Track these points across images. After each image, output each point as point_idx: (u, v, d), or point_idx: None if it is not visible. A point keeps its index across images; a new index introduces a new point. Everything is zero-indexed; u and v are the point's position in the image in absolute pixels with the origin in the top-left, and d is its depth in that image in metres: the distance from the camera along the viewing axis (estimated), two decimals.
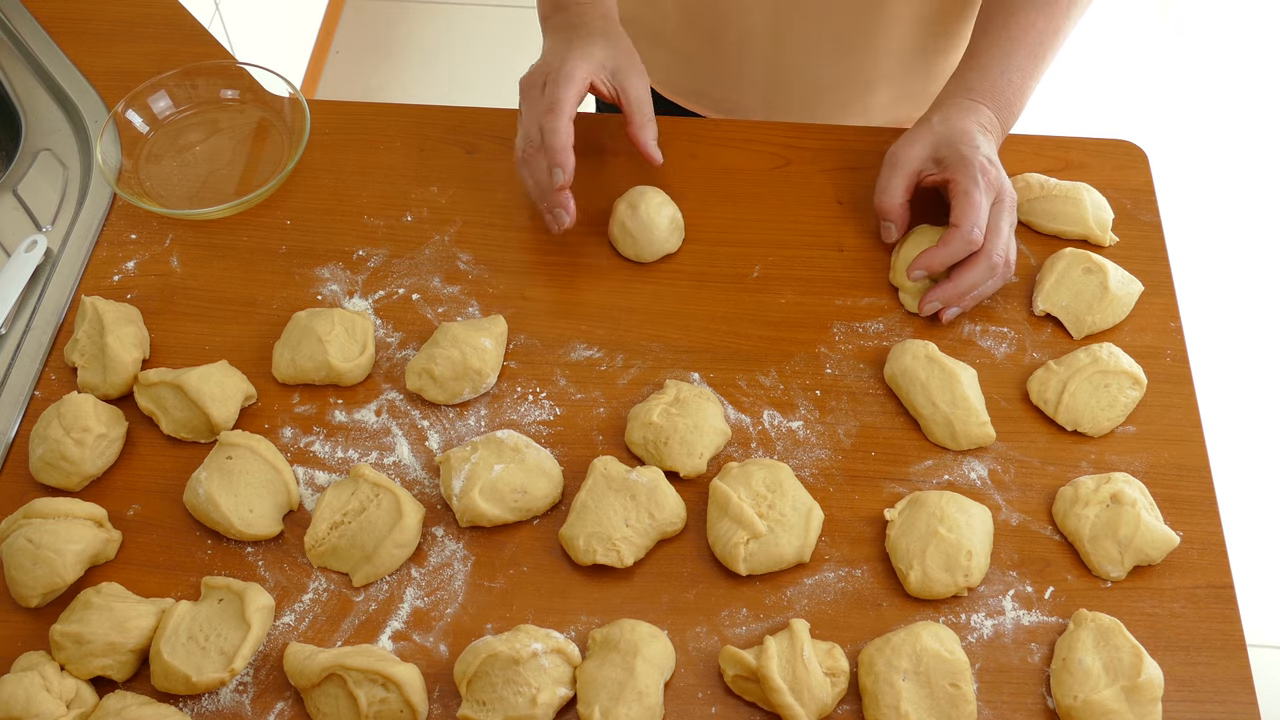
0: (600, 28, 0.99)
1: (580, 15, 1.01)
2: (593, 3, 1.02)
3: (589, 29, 0.99)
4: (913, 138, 0.97)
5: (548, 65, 0.96)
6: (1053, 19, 1.00)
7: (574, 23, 1.01)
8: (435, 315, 0.98)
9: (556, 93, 0.92)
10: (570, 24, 1.01)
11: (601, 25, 1.00)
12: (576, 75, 0.93)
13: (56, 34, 1.17)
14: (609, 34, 0.99)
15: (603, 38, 0.98)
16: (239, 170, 1.08)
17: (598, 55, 0.96)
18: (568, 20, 1.01)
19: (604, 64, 0.96)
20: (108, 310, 0.94)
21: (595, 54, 0.96)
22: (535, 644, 0.77)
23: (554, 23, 1.03)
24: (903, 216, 0.98)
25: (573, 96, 0.93)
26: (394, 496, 0.85)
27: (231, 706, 0.79)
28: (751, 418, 0.93)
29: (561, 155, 0.91)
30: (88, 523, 0.84)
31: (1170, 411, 0.93)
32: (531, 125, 0.94)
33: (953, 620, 0.83)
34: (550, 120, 0.91)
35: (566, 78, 0.93)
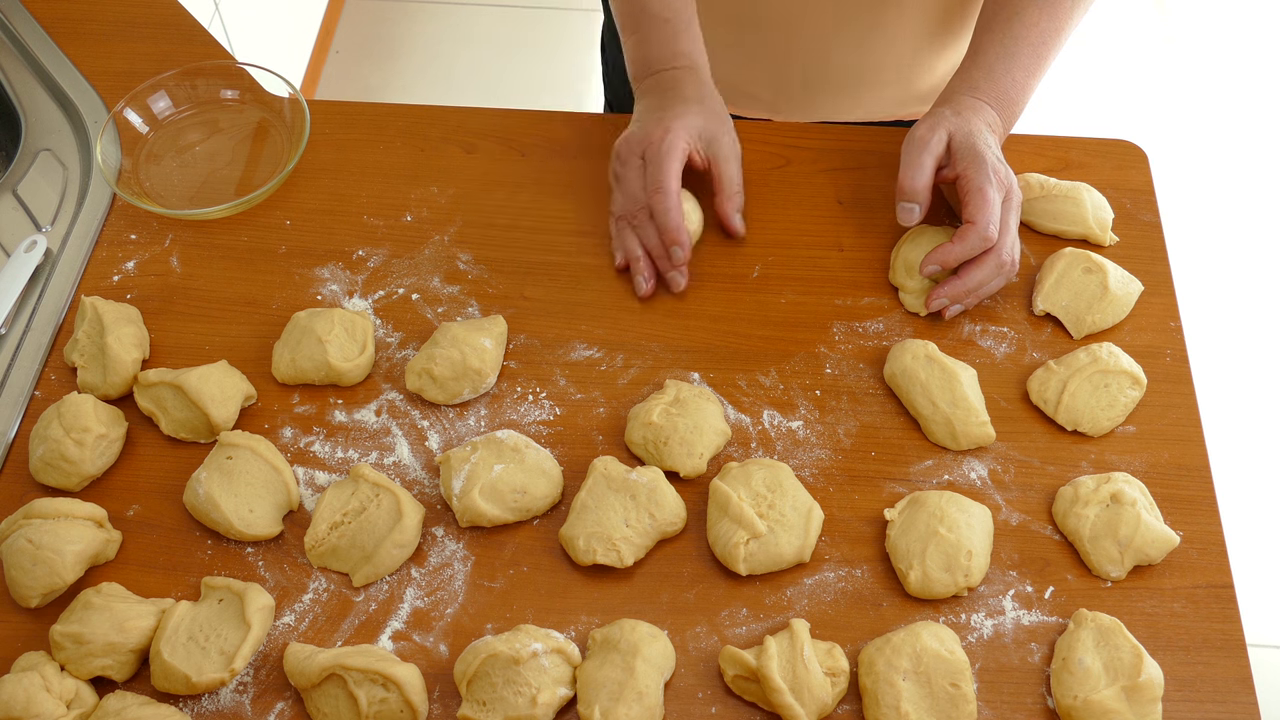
0: (695, 94, 1.00)
1: (675, 80, 1.02)
2: (689, 67, 1.03)
3: (684, 95, 1.00)
4: (931, 123, 0.96)
5: (647, 135, 0.97)
6: (1056, 18, 1.00)
7: (668, 86, 1.01)
8: (435, 315, 0.98)
9: (661, 173, 0.95)
10: (665, 87, 1.01)
11: (696, 91, 1.01)
12: (677, 149, 0.96)
13: (56, 34, 1.17)
14: (704, 100, 1.00)
15: (698, 104, 0.99)
16: (239, 170, 1.08)
17: (695, 124, 0.98)
18: (661, 84, 1.02)
19: (700, 134, 0.99)
20: (108, 310, 0.94)
21: (693, 123, 0.98)
22: (535, 644, 0.77)
23: (648, 85, 1.03)
24: (928, 198, 0.96)
25: (676, 172, 0.96)
26: (394, 496, 0.85)
27: (231, 706, 0.79)
28: (751, 418, 0.93)
29: (678, 234, 0.95)
30: (88, 523, 0.84)
31: (1170, 411, 0.93)
32: (635, 192, 0.98)
33: (953, 620, 0.83)
34: (660, 201, 0.95)
35: (668, 153, 0.95)
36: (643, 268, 0.98)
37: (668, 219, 0.95)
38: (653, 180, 0.96)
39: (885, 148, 1.08)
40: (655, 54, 1.03)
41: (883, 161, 1.07)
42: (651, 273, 0.98)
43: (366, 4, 2.90)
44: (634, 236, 0.99)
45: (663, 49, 1.03)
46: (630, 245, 0.99)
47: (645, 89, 1.03)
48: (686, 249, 0.96)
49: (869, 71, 1.18)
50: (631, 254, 0.98)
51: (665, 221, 0.95)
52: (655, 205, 0.95)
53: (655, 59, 1.03)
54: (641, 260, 0.98)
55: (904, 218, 0.96)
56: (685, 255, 0.96)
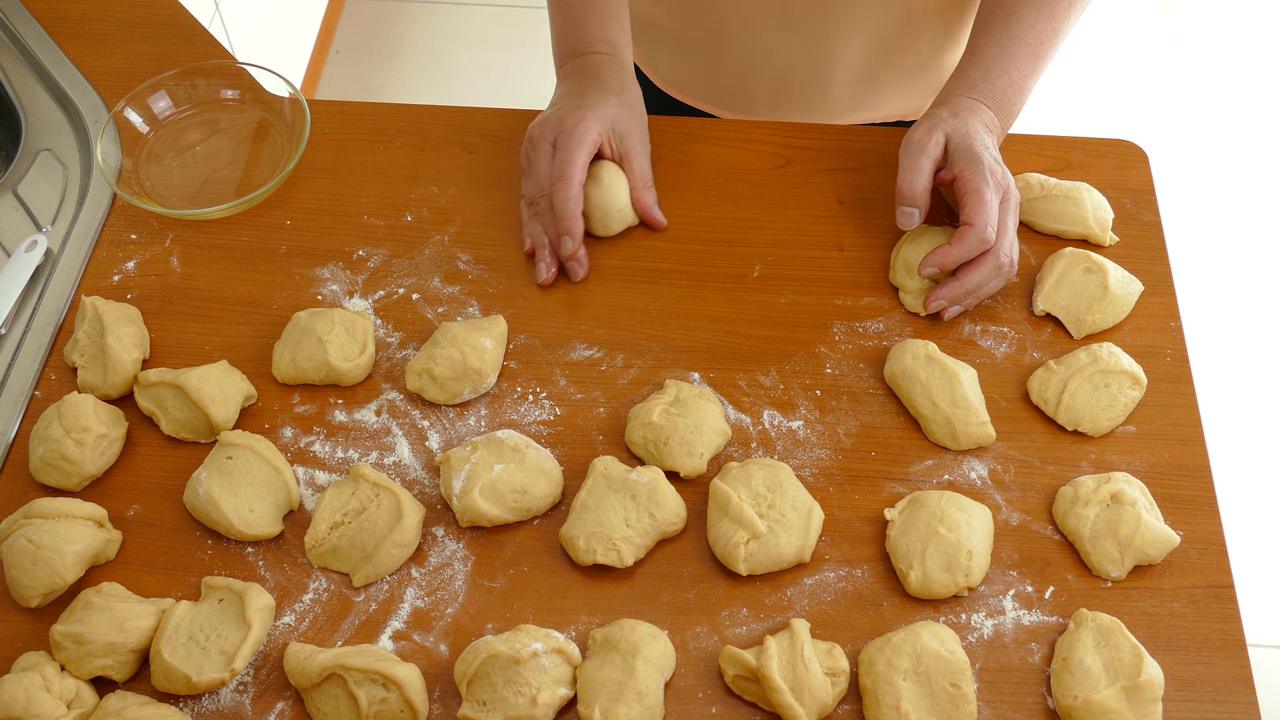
0: (615, 83, 1.01)
1: (595, 65, 1.02)
2: (610, 54, 1.03)
3: (603, 83, 1.01)
4: (928, 126, 0.96)
5: (561, 121, 0.98)
6: (1053, 19, 1.00)
7: (589, 72, 1.02)
8: (435, 315, 0.98)
9: (567, 159, 0.96)
10: (586, 72, 1.02)
11: (617, 81, 1.01)
12: (588, 138, 0.96)
13: (56, 34, 1.17)
14: (623, 90, 1.01)
15: (616, 95, 1.00)
16: (239, 170, 1.08)
17: (610, 114, 0.98)
18: (583, 68, 1.02)
19: (615, 125, 0.99)
20: (108, 310, 0.94)
21: (608, 112, 0.98)
22: (535, 644, 0.77)
23: (570, 68, 1.04)
24: (926, 201, 0.96)
25: (583, 162, 0.96)
26: (394, 496, 0.85)
27: (231, 706, 0.79)
28: (751, 418, 0.93)
29: (572, 224, 0.96)
30: (88, 523, 0.84)
31: (1170, 411, 0.93)
32: (542, 178, 0.98)
33: (953, 620, 0.83)
34: (560, 189, 0.95)
35: (578, 141, 0.96)
36: (547, 255, 0.98)
37: (565, 208, 0.95)
38: (558, 168, 0.96)
39: (885, 148, 1.08)
40: (580, 36, 1.04)
41: (883, 161, 1.08)
42: (553, 260, 0.99)
43: (366, 4, 2.90)
44: (537, 223, 0.99)
45: (588, 32, 1.04)
46: (535, 231, 0.99)
47: (567, 72, 1.04)
48: (577, 240, 0.96)
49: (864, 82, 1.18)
50: (537, 240, 0.99)
51: (561, 210, 0.95)
52: (555, 193, 0.96)
53: (580, 42, 1.04)
54: (546, 248, 0.98)
55: (904, 222, 0.96)
56: (575, 246, 0.96)
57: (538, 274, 0.99)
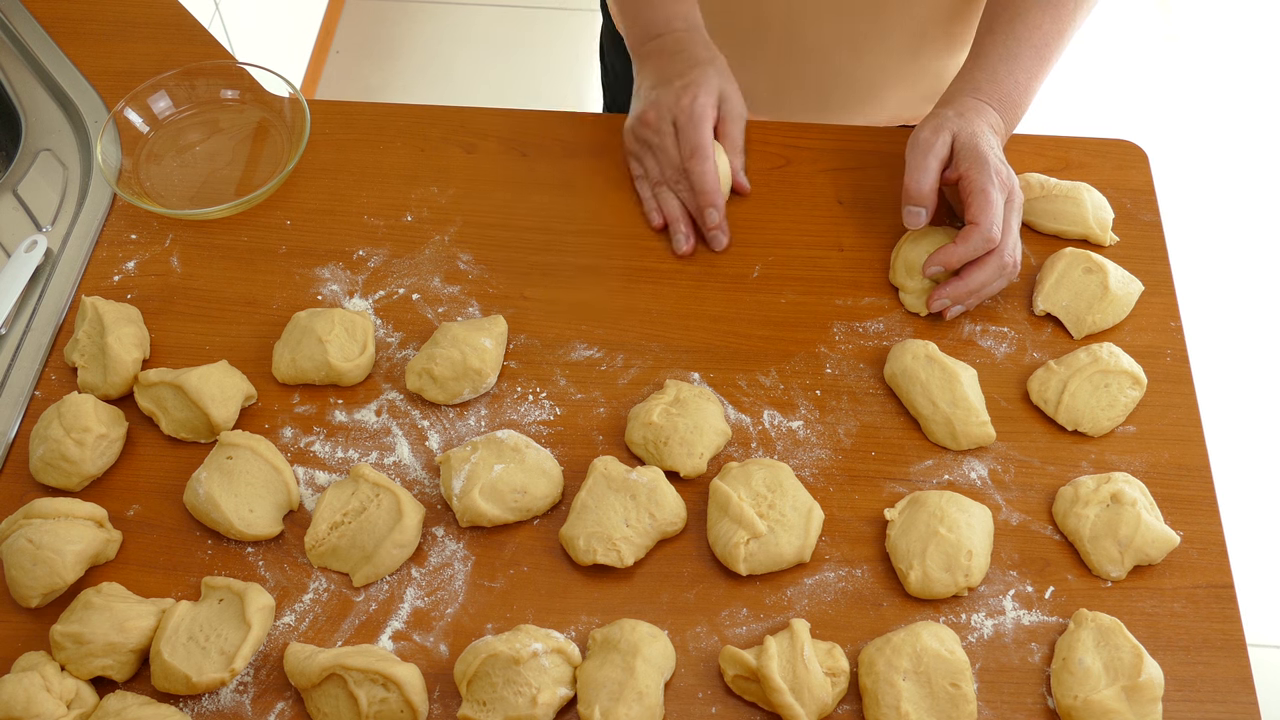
0: (706, 54, 1.03)
1: (681, 42, 1.04)
2: (690, 28, 1.05)
3: (696, 56, 1.03)
4: (934, 126, 0.96)
5: (676, 100, 1.00)
6: (1059, 20, 1.00)
7: (674, 50, 1.03)
8: (435, 315, 0.98)
9: (697, 137, 0.99)
10: (672, 50, 1.03)
11: (706, 52, 1.03)
12: (708, 113, 1.00)
13: (56, 34, 1.17)
14: (714, 60, 1.03)
15: (710, 65, 1.02)
16: (239, 170, 1.08)
17: (714, 84, 1.01)
18: (667, 47, 1.04)
19: (719, 93, 1.01)
20: (108, 310, 0.94)
21: (712, 83, 1.01)
22: (535, 644, 0.77)
23: (652, 48, 1.05)
24: (933, 201, 0.96)
25: (710, 136, 1.00)
26: (394, 496, 0.85)
27: (231, 706, 0.79)
28: (751, 418, 0.93)
29: (715, 196, 1.00)
30: (88, 523, 0.83)
31: (1170, 411, 0.93)
32: (672, 156, 1.01)
33: (953, 620, 0.83)
34: (697, 164, 0.99)
35: (701, 118, 0.99)
36: (683, 227, 1.02)
37: (704, 182, 0.99)
38: (688, 145, 0.99)
39: (886, 148, 1.08)
40: (654, 17, 1.05)
41: (884, 161, 1.08)
42: (691, 231, 1.02)
43: (366, 4, 2.90)
44: (673, 198, 1.02)
45: (662, 11, 1.05)
46: (670, 206, 1.02)
47: (649, 52, 1.05)
48: (721, 210, 1.00)
49: (867, 82, 1.18)
50: (671, 214, 1.02)
51: (702, 184, 0.99)
52: (692, 169, 0.99)
53: (654, 22, 1.05)
54: (682, 221, 1.02)
55: (910, 221, 0.96)
56: (719, 217, 1.00)
57: (677, 244, 1.01)
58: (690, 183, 1.00)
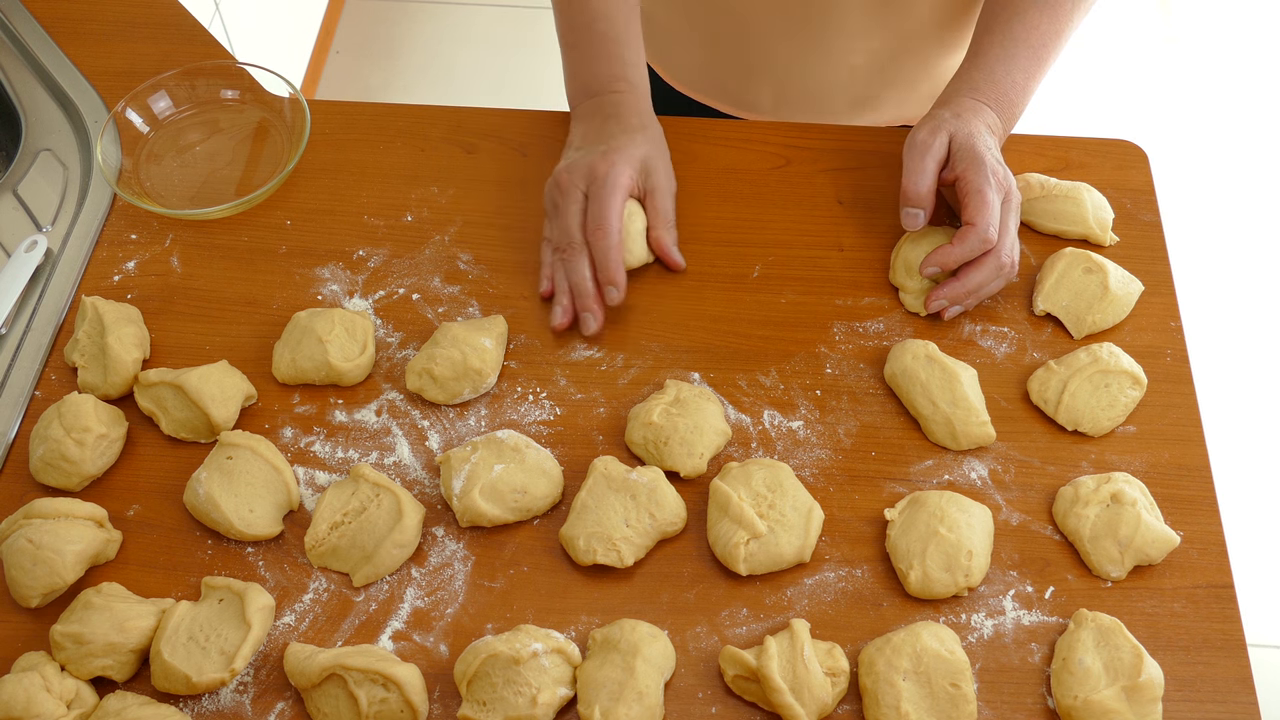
0: (637, 121, 0.99)
1: (615, 105, 1.00)
2: (628, 90, 1.01)
3: (626, 123, 0.99)
4: (932, 127, 0.96)
5: (591, 167, 0.95)
6: (1056, 20, 1.00)
7: (608, 112, 1.00)
8: (435, 315, 0.98)
9: (604, 211, 0.93)
10: (606, 112, 1.00)
11: (638, 119, 1.00)
12: (620, 185, 0.95)
13: (56, 34, 1.17)
14: (645, 128, 0.99)
15: (640, 133, 0.98)
16: (239, 170, 1.08)
17: (637, 154, 0.97)
18: (602, 108, 1.01)
19: (642, 165, 0.97)
20: (108, 310, 0.94)
21: (635, 153, 0.97)
22: (535, 644, 0.77)
23: (587, 108, 1.02)
24: (932, 202, 0.96)
25: (619, 210, 0.94)
26: (394, 496, 0.85)
27: (231, 707, 0.79)
28: (751, 418, 0.93)
29: (615, 274, 0.93)
30: (88, 523, 0.83)
31: (1170, 411, 0.93)
32: (573, 227, 0.95)
33: (953, 620, 0.83)
34: (601, 240, 0.93)
35: (612, 189, 0.94)
36: (565, 300, 0.95)
37: (608, 259, 0.93)
38: (595, 218, 0.94)
39: (885, 148, 1.09)
40: (596, 73, 1.02)
41: (883, 161, 1.08)
42: (570, 307, 0.96)
43: (366, 4, 2.90)
44: (563, 268, 0.96)
45: (603, 69, 1.02)
46: (559, 276, 0.96)
47: (584, 112, 1.02)
48: (622, 290, 0.94)
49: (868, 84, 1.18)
50: (559, 285, 0.96)
51: (605, 261, 0.93)
52: (596, 244, 0.93)
53: (595, 79, 1.02)
54: (566, 294, 0.96)
55: (908, 223, 0.96)
56: (620, 296, 0.94)
57: (554, 317, 0.95)
58: (593, 257, 0.94)
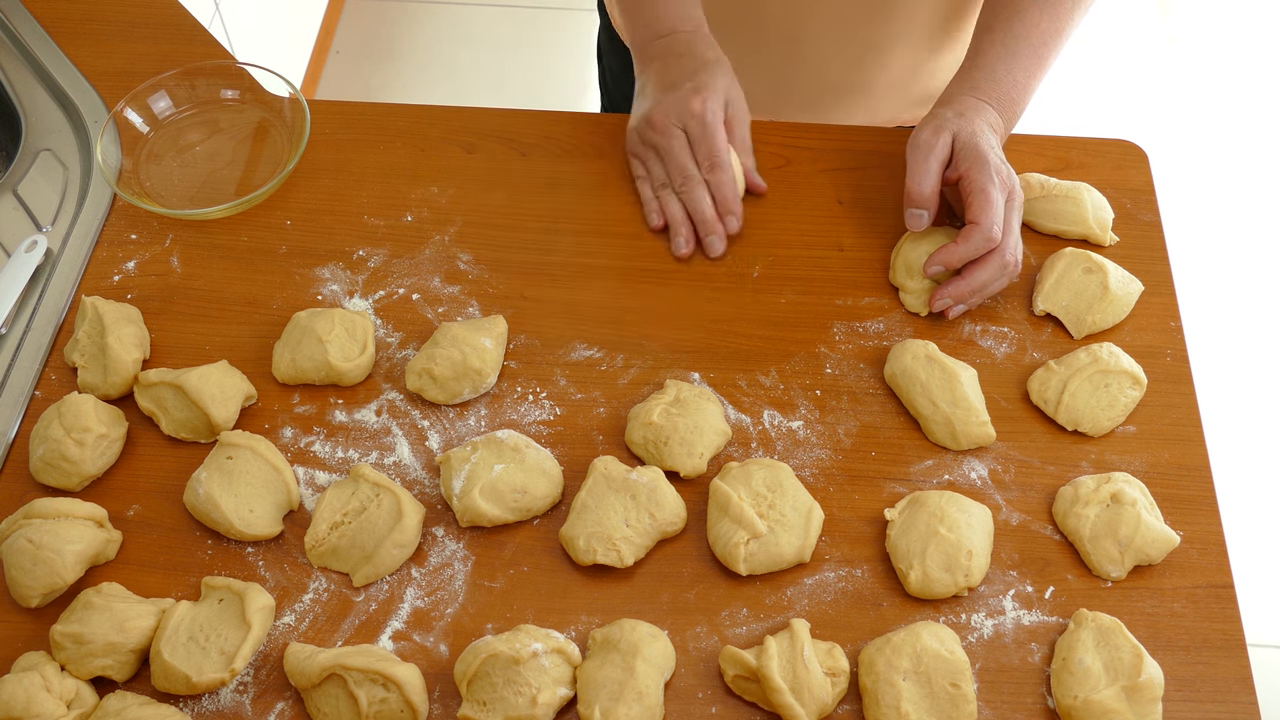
0: (713, 55, 1.03)
1: (686, 43, 1.03)
2: (695, 30, 1.04)
3: (703, 58, 1.02)
4: (934, 127, 0.96)
5: (685, 104, 0.99)
6: (1056, 19, 1.00)
7: (682, 50, 1.03)
8: (435, 315, 0.98)
9: (714, 147, 0.99)
10: (679, 51, 1.03)
11: (713, 53, 1.03)
12: (720, 119, 1.00)
13: (56, 34, 1.17)
14: (721, 60, 1.03)
15: (717, 66, 1.02)
16: (239, 170, 1.08)
17: (722, 86, 1.01)
18: (674, 47, 1.03)
19: (726, 96, 1.01)
20: (108, 310, 0.94)
21: (720, 85, 1.01)
22: (535, 644, 0.77)
23: (658, 48, 1.04)
24: (936, 203, 0.96)
25: (725, 143, 1.00)
26: (394, 496, 0.85)
27: (231, 706, 0.79)
28: (751, 418, 0.93)
29: (735, 204, 1.00)
30: (88, 523, 0.83)
31: (1170, 411, 0.93)
32: (687, 163, 1.01)
33: (953, 620, 0.83)
34: (719, 175, 1.00)
35: (715, 124, 0.99)
36: (684, 230, 1.01)
37: (724, 191, 1.00)
38: (707, 154, 0.99)
39: (886, 148, 1.09)
40: (661, 16, 1.05)
41: (883, 162, 1.08)
42: (692, 235, 1.01)
43: (366, 4, 2.90)
44: (675, 201, 1.02)
45: (668, 11, 1.05)
46: (674, 210, 1.02)
47: (655, 52, 1.04)
48: (740, 219, 1.01)
49: (866, 83, 1.19)
50: (674, 217, 1.02)
51: (724, 193, 1.00)
52: (713, 180, 1.00)
53: (662, 22, 1.05)
54: (684, 224, 1.01)
55: (912, 224, 0.96)
56: (738, 224, 1.01)
57: (676, 247, 1.01)
58: (712, 192, 1.00)
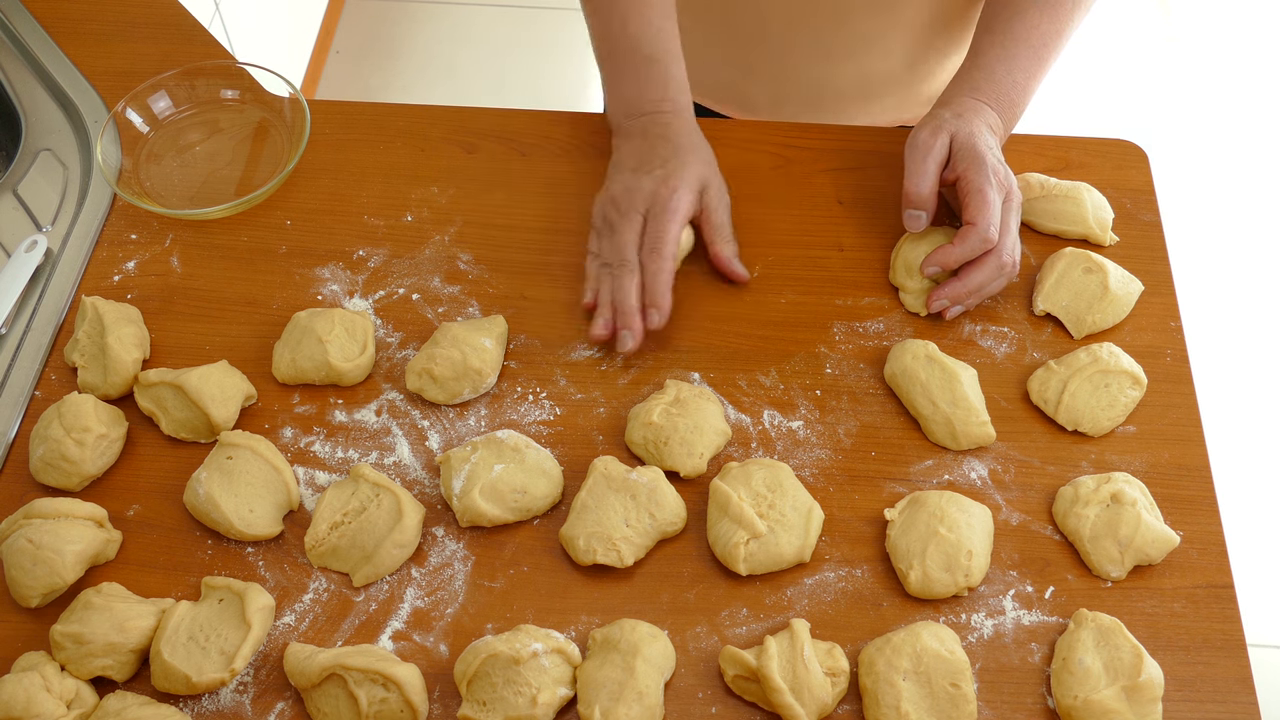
0: (689, 141, 0.99)
1: (665, 127, 0.99)
2: (676, 110, 1.01)
3: (678, 145, 0.98)
4: (933, 128, 0.96)
5: (653, 192, 0.95)
6: (1056, 20, 1.00)
7: (660, 133, 0.99)
8: (435, 315, 0.98)
9: (662, 233, 0.94)
10: (656, 132, 0.99)
11: (690, 139, 0.99)
12: (682, 210, 0.95)
13: (56, 34, 1.17)
14: (697, 148, 0.99)
15: (692, 153, 0.98)
16: (239, 170, 1.08)
17: (695, 175, 0.97)
18: (653, 127, 1.00)
19: (700, 187, 0.97)
20: (108, 310, 0.94)
21: (692, 177, 0.96)
22: (535, 644, 0.77)
23: (635, 126, 1.01)
24: (934, 204, 0.96)
25: (676, 236, 0.94)
26: (394, 496, 0.85)
27: (231, 707, 0.79)
28: (751, 418, 0.93)
29: (663, 299, 0.93)
30: (88, 523, 0.84)
31: (1170, 411, 0.93)
32: (628, 246, 0.95)
33: (953, 620, 0.83)
34: (656, 263, 0.93)
35: (673, 214, 0.94)
36: (606, 315, 0.94)
37: (657, 282, 0.93)
38: (652, 241, 0.94)
39: (886, 148, 1.09)
40: (643, 94, 1.01)
41: (883, 162, 1.08)
42: (612, 322, 0.95)
43: (366, 4, 2.90)
44: (609, 283, 0.95)
45: (650, 91, 1.01)
46: (606, 290, 0.95)
47: (632, 130, 1.01)
48: (665, 315, 0.94)
49: (867, 85, 1.19)
50: (603, 300, 0.95)
51: (655, 284, 0.93)
52: (649, 266, 0.94)
53: (642, 99, 1.01)
54: (609, 309, 0.95)
55: (911, 225, 0.96)
56: (661, 321, 0.94)
57: (594, 328, 0.94)
58: (644, 279, 0.94)
